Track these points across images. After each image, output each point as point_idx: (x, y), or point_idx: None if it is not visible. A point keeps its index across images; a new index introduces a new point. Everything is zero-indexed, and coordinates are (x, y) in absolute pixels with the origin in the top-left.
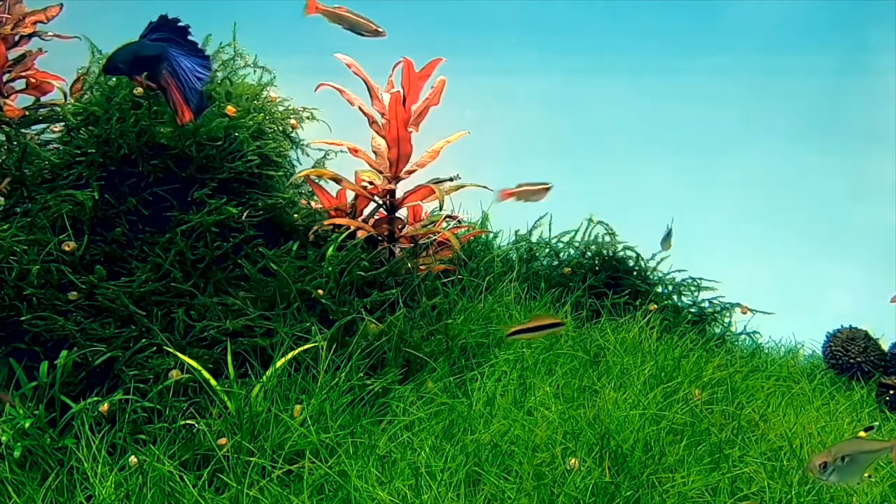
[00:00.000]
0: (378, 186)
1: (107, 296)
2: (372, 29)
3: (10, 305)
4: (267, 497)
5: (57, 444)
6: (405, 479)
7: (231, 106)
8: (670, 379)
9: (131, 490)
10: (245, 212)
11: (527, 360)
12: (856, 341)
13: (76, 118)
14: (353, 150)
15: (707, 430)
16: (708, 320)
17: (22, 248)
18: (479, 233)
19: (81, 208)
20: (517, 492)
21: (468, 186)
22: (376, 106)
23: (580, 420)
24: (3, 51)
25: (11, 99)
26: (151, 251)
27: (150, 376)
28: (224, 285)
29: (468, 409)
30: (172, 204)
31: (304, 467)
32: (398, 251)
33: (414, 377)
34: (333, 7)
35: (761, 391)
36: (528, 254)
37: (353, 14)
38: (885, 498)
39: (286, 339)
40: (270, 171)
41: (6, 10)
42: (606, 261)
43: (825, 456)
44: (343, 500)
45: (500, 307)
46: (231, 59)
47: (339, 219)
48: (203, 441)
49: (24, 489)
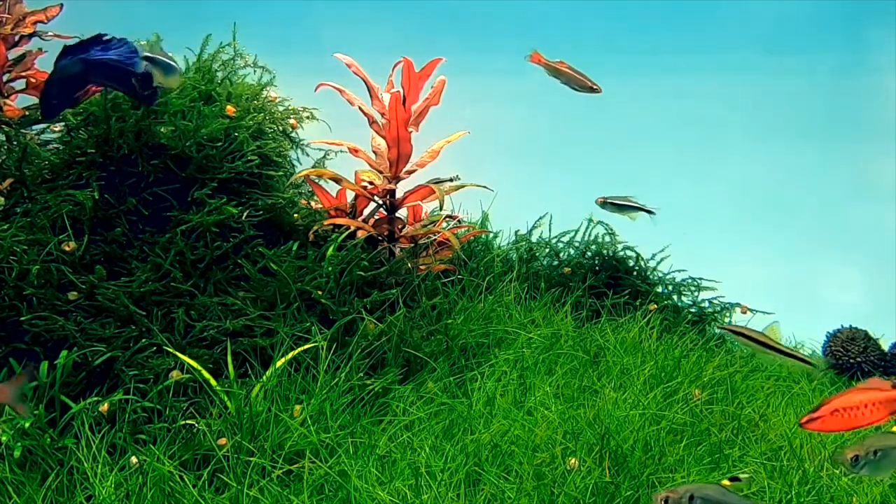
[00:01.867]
0: (378, 186)
1: (107, 296)
2: (587, 85)
3: (10, 305)
4: (267, 497)
5: (57, 444)
6: (405, 479)
7: (231, 106)
8: (670, 379)
9: (131, 490)
10: (245, 212)
11: (527, 360)
12: (856, 341)
13: (76, 118)
14: (353, 150)
15: (707, 430)
16: (708, 320)
17: (22, 248)
18: (479, 233)
19: (81, 208)
20: (517, 492)
21: (468, 186)
22: (376, 106)
23: (580, 420)
24: (3, 51)
25: (11, 99)
26: (151, 251)
27: (150, 376)
28: (224, 285)
29: (468, 409)
30: (172, 204)
31: (304, 467)
32: (398, 251)
33: (414, 377)
34: (555, 62)
35: (761, 391)
36: (528, 254)
37: (572, 70)
38: (885, 498)
39: (286, 339)
40: (270, 171)
41: (6, 10)
42: (606, 261)
43: (857, 449)
44: (343, 500)
45: (500, 307)
46: (231, 59)
47: (339, 219)
48: (203, 441)
49: (24, 489)
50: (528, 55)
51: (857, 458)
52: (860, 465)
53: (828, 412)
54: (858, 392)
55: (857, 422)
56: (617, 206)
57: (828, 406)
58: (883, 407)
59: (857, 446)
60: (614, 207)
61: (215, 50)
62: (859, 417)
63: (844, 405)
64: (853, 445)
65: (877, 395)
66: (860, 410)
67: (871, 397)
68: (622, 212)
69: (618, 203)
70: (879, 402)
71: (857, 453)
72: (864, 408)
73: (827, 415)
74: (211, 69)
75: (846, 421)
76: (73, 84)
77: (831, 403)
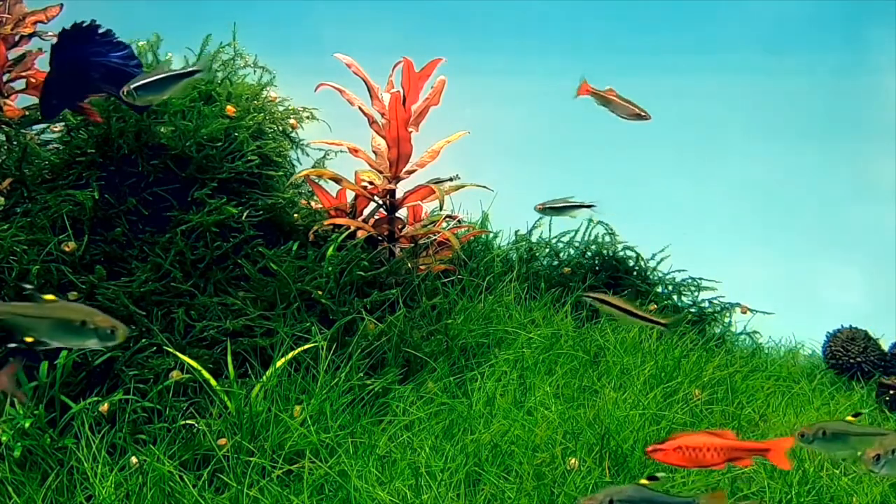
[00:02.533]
0: (378, 186)
1: (107, 296)
2: (636, 113)
3: None
4: (267, 497)
5: (57, 444)
6: (405, 479)
7: (231, 106)
8: (670, 379)
9: (131, 490)
10: (245, 212)
11: (527, 360)
12: (856, 341)
13: (76, 118)
14: (353, 150)
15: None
16: (708, 320)
17: (22, 248)
18: (479, 233)
19: (81, 208)
20: (517, 492)
21: (468, 186)
22: (376, 106)
23: (580, 420)
24: (3, 51)
25: (11, 99)
26: (151, 251)
27: (150, 376)
28: (224, 285)
29: (468, 409)
30: (172, 204)
31: (304, 467)
32: (398, 251)
33: (414, 377)
34: (604, 90)
35: (761, 391)
36: (528, 254)
37: (621, 98)
38: (885, 498)
39: (286, 339)
40: (270, 171)
41: (6, 10)
42: (606, 261)
43: (878, 449)
44: (343, 500)
45: (500, 307)
46: (231, 59)
47: (339, 219)
48: (203, 441)
49: (24, 489)
50: (577, 86)
51: (879, 458)
52: (881, 464)
53: (671, 447)
54: (704, 435)
55: (696, 462)
56: (556, 209)
57: (673, 441)
58: (721, 454)
59: (878, 446)
60: (553, 211)
61: (215, 50)
62: (699, 458)
63: (688, 444)
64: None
65: (718, 442)
66: (701, 452)
67: (713, 442)
68: (561, 213)
69: (556, 206)
70: (719, 448)
71: (878, 453)
72: (705, 450)
73: (670, 449)
74: (211, 69)
75: (686, 459)
76: (72, 83)
77: (677, 440)
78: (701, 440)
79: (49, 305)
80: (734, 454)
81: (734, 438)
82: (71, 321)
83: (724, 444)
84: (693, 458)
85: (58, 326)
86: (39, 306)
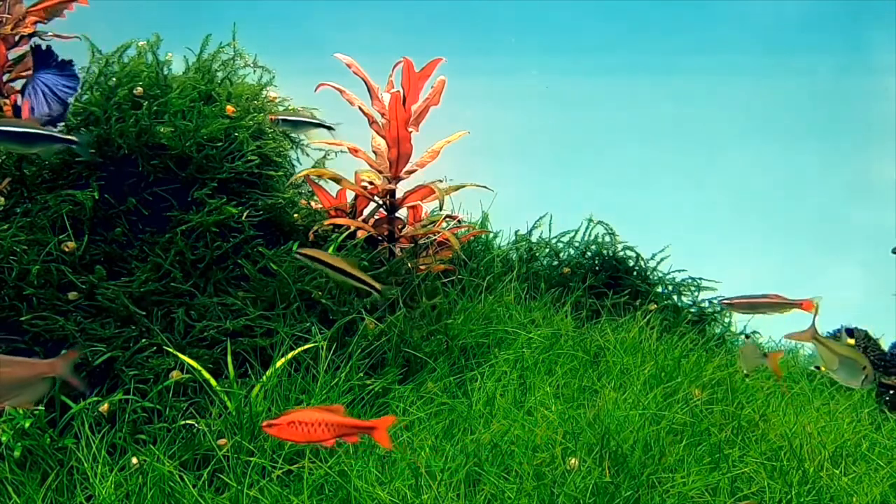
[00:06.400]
0: (378, 186)
1: (107, 296)
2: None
3: (10, 305)
4: (267, 497)
5: (57, 444)
6: (405, 479)
7: (231, 106)
8: (670, 379)
9: (131, 490)
10: (245, 212)
11: (527, 360)
12: (856, 341)
13: (76, 118)
14: (353, 150)
15: (707, 430)
16: (708, 320)
17: (22, 248)
18: (479, 233)
19: (81, 208)
20: (517, 492)
21: (468, 186)
22: (376, 106)
23: (580, 420)
24: (3, 51)
25: (11, 99)
26: (151, 251)
27: (150, 376)
28: (224, 285)
29: (468, 409)
30: (172, 204)
31: (304, 467)
32: (398, 251)
33: (414, 377)
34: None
35: (761, 391)
36: (528, 254)
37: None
38: (885, 498)
39: (286, 339)
40: (270, 171)
41: (6, 10)
42: (606, 261)
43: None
44: (343, 500)
45: (500, 307)
46: (231, 59)
47: (339, 219)
48: (203, 441)
49: (24, 489)
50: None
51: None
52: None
53: (285, 422)
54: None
55: (308, 437)
56: (290, 122)
57: (287, 416)
58: (331, 430)
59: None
60: (287, 124)
61: (215, 50)
62: (311, 433)
63: (300, 419)
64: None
65: (329, 417)
66: (312, 427)
67: (324, 417)
68: (297, 129)
69: (290, 119)
70: (329, 423)
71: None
72: (316, 425)
73: (284, 424)
74: (211, 69)
75: (299, 434)
76: None
77: (290, 415)
78: (313, 416)
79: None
80: (343, 430)
81: (343, 415)
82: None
83: (333, 420)
84: (305, 433)
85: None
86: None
